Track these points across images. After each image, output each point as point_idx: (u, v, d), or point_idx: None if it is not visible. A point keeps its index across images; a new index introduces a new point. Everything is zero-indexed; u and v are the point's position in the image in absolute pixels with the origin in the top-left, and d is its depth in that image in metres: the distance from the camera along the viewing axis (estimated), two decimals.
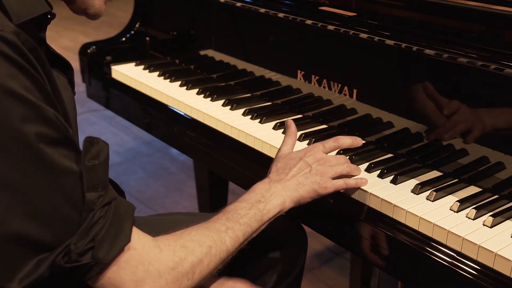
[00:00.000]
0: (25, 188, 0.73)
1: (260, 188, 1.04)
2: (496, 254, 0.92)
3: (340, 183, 1.09)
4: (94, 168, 0.79)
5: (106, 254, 0.78)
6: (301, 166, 1.08)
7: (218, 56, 1.73)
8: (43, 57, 0.77)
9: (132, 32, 1.97)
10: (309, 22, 1.39)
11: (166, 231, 0.92)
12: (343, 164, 1.12)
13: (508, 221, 1.00)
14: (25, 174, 0.72)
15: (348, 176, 1.13)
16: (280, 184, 1.05)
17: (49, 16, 0.89)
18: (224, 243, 0.93)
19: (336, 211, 1.13)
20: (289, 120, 1.22)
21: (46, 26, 0.91)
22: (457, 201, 1.04)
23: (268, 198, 1.02)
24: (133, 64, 1.84)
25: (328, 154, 1.15)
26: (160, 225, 1.06)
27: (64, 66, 0.96)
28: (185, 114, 1.54)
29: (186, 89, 1.62)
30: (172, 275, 0.85)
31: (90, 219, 0.78)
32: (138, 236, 0.84)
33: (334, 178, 1.10)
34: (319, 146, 1.14)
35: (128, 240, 0.81)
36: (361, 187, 1.11)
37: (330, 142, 1.15)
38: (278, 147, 1.27)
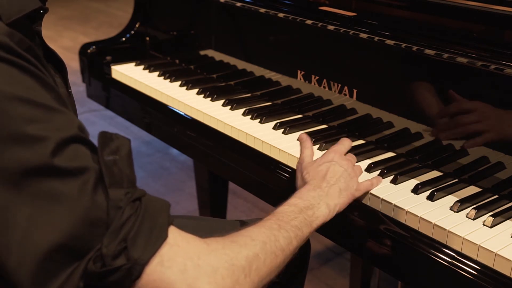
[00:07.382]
0: (43, 197, 0.68)
1: (306, 195, 1.01)
2: (496, 254, 0.92)
3: (368, 184, 1.10)
4: (115, 163, 0.74)
5: (141, 253, 0.71)
6: (335, 169, 1.08)
7: (218, 56, 1.73)
8: (40, 56, 0.75)
9: (132, 32, 1.97)
10: (309, 22, 1.39)
11: None
12: (356, 163, 1.16)
13: (508, 221, 1.00)
14: (41, 182, 0.68)
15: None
16: (323, 191, 1.03)
17: (41, 11, 0.85)
18: (278, 240, 0.86)
19: None
20: (303, 134, 1.23)
21: (41, 20, 0.87)
22: (457, 201, 1.04)
23: (316, 205, 1.00)
24: (133, 64, 1.84)
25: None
26: None
27: (58, 64, 0.92)
28: (185, 114, 1.54)
29: (186, 89, 1.62)
30: (227, 269, 0.75)
31: (119, 217, 0.71)
32: (178, 233, 0.76)
33: None
34: (337, 148, 1.17)
35: (165, 236, 0.73)
36: None
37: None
38: (278, 147, 1.26)
